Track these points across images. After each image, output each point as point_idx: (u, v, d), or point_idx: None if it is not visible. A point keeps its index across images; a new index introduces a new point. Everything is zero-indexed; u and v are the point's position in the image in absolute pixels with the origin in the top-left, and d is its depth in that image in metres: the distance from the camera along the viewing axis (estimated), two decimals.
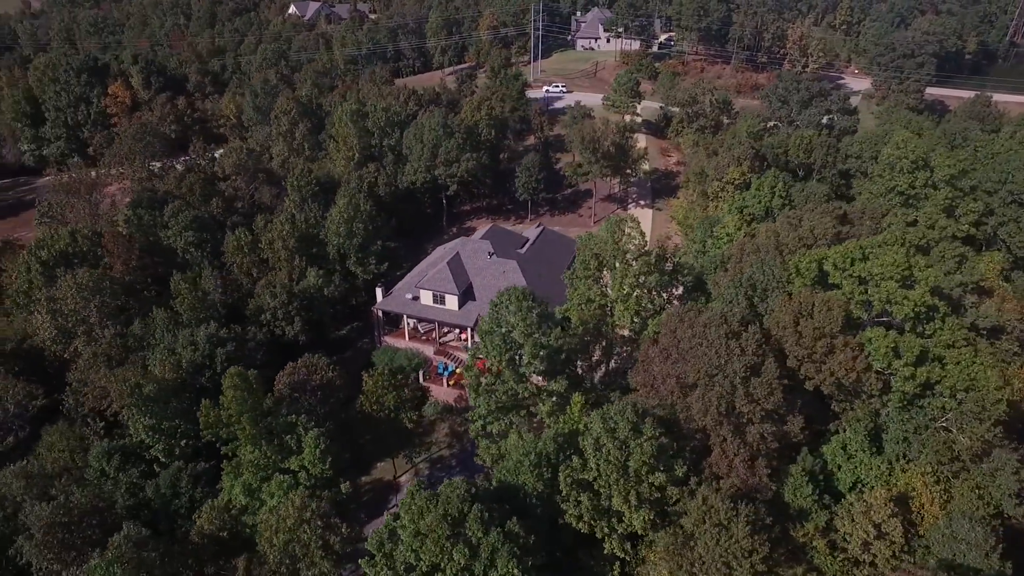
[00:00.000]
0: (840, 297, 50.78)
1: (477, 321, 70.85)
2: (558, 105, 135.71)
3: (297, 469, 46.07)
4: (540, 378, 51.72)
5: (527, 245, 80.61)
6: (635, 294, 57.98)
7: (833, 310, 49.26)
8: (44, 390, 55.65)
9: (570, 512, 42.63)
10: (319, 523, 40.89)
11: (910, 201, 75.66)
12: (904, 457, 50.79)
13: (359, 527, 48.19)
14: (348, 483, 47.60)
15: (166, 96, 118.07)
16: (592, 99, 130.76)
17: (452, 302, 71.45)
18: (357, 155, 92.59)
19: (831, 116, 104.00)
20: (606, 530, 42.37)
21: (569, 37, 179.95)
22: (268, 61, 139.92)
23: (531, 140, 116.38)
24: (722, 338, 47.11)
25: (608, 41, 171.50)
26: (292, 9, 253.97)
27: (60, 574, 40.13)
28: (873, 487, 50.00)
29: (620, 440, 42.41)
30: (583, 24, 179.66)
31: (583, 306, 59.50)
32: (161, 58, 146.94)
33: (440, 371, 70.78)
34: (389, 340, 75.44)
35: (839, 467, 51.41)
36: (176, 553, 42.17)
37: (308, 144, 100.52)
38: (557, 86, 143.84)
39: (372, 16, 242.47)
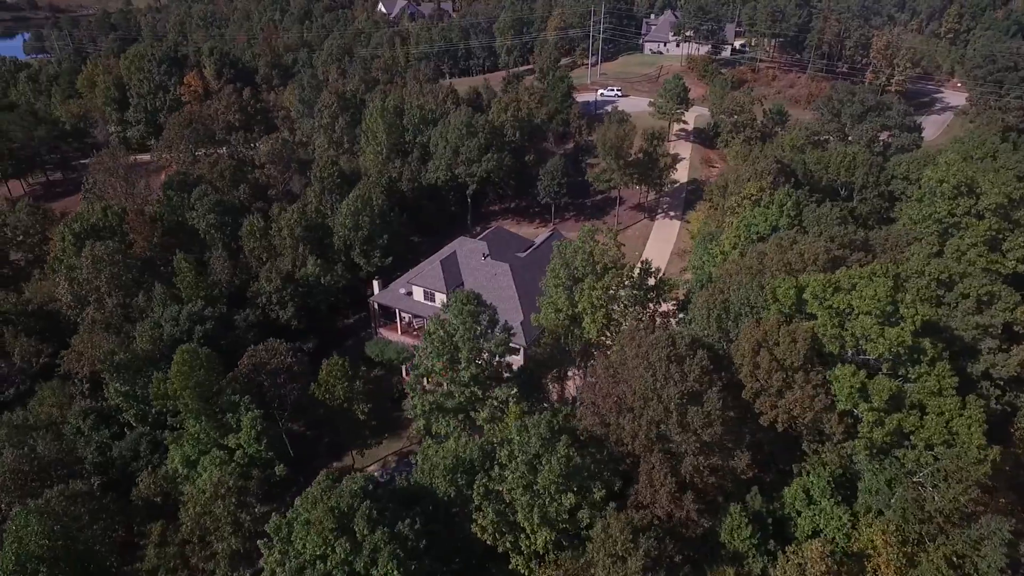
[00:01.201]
0: (809, 329, 46.83)
1: None
2: (608, 109, 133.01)
3: (234, 447, 48.20)
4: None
5: (530, 249, 79.65)
6: (605, 308, 55.98)
7: (797, 342, 45.65)
8: (53, 350, 61.33)
9: (478, 522, 42.02)
10: (233, 500, 42.54)
11: (949, 231, 68.47)
12: (874, 511, 46.40)
13: (285, 509, 49.65)
14: (283, 466, 49.20)
15: (233, 86, 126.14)
16: (645, 104, 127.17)
17: (441, 300, 71.95)
18: (385, 150, 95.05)
19: (892, 132, 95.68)
20: (508, 545, 41.40)
21: (639, 40, 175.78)
22: (333, 56, 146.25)
23: (572, 144, 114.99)
24: (663, 360, 44.73)
25: (677, 46, 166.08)
26: (380, 7, 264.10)
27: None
28: (833, 539, 46.11)
29: (531, 455, 41.28)
30: (653, 27, 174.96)
31: (551, 316, 58.22)
32: (236, 51, 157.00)
33: None
34: (384, 332, 77.07)
35: (798, 513, 47.68)
36: (113, 512, 45.27)
37: (347, 137, 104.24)
38: (612, 90, 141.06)
39: (454, 14, 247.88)
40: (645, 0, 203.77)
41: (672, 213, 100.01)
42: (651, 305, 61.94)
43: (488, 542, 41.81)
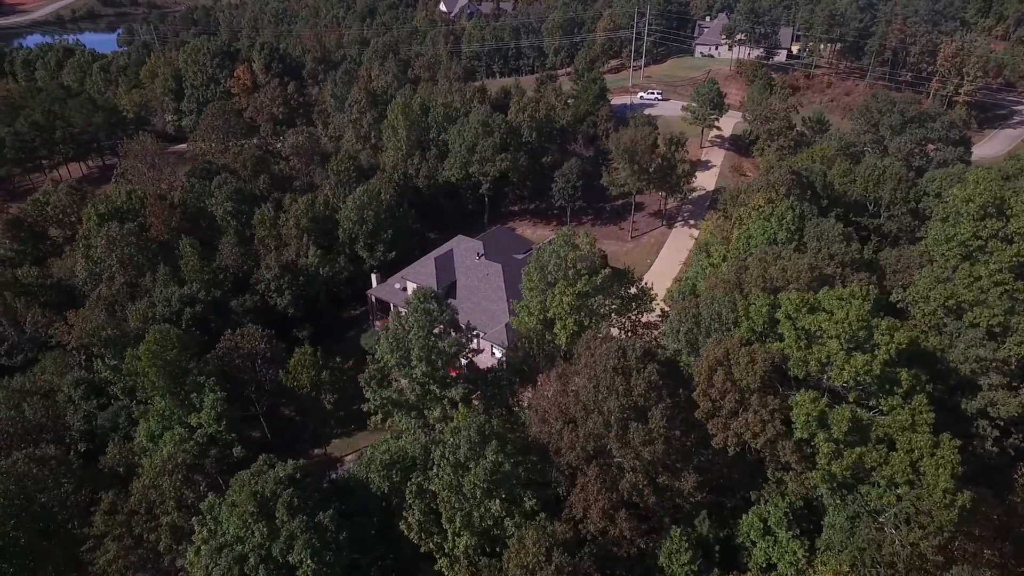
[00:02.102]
0: (771, 351, 44.30)
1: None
2: (647, 112, 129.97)
3: (196, 426, 50.17)
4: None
5: (529, 252, 78.99)
6: (576, 315, 54.82)
7: (756, 363, 43.30)
8: (63, 322, 65.59)
9: (407, 519, 42.03)
10: (179, 476, 44.29)
11: (974, 254, 63.07)
12: (835, 548, 43.63)
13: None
14: (241, 447, 50.80)
15: (279, 80, 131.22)
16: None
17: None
18: (405, 146, 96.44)
19: (936, 145, 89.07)
20: (432, 546, 41.20)
21: (691, 43, 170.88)
22: (377, 53, 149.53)
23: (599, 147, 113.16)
24: (608, 372, 43.40)
25: (729, 49, 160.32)
26: (441, 6, 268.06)
27: None
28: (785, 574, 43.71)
29: (458, 458, 40.93)
30: (706, 30, 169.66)
31: (526, 320, 57.54)
32: (290, 47, 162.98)
33: None
34: (380, 325, 78.33)
35: (753, 543, 45.38)
36: (80, 477, 48.00)
37: (374, 133, 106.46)
38: (652, 92, 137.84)
39: (511, 13, 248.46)
40: (703, 1, 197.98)
41: (692, 222, 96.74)
42: (632, 315, 60.42)
43: (414, 540, 41.76)
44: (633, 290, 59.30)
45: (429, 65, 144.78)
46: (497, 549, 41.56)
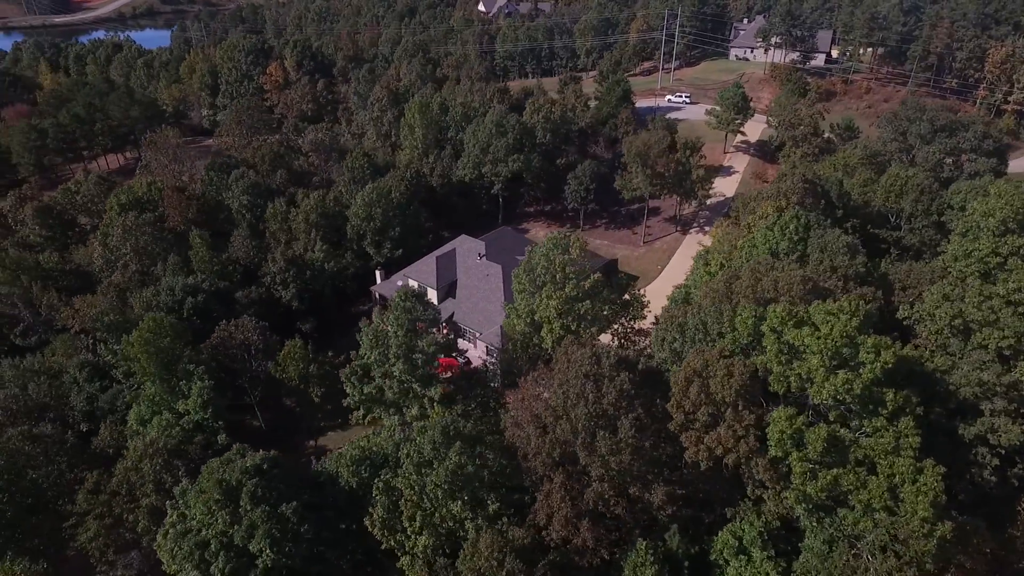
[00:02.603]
0: (751, 364, 42.97)
1: (452, 317, 71.70)
2: (673, 116, 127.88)
3: (183, 412, 51.61)
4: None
5: None
6: (563, 320, 54.24)
7: (733, 376, 42.11)
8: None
9: (372, 515, 42.32)
10: (159, 461, 45.64)
11: (993, 271, 59.89)
12: (810, 572, 42.16)
13: None
14: (225, 435, 52.01)
15: (309, 78, 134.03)
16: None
17: (433, 295, 72.75)
18: (421, 145, 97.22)
19: (969, 156, 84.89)
20: (393, 543, 41.37)
21: (726, 46, 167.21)
22: (408, 52, 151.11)
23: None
24: (578, 379, 42.81)
25: (765, 52, 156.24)
26: (480, 6, 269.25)
27: None
28: None
29: (422, 457, 40.99)
30: (742, 32, 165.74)
31: (515, 322, 57.25)
32: (324, 45, 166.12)
33: None
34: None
35: (727, 561, 44.14)
36: (72, 456, 49.95)
37: (394, 131, 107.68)
38: (680, 96, 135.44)
39: (548, 14, 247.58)
40: (743, 4, 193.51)
41: (708, 228, 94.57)
42: (624, 322, 59.43)
43: (378, 537, 42.01)
44: (626, 296, 58.32)
45: (457, 64, 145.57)
46: (459, 551, 41.47)
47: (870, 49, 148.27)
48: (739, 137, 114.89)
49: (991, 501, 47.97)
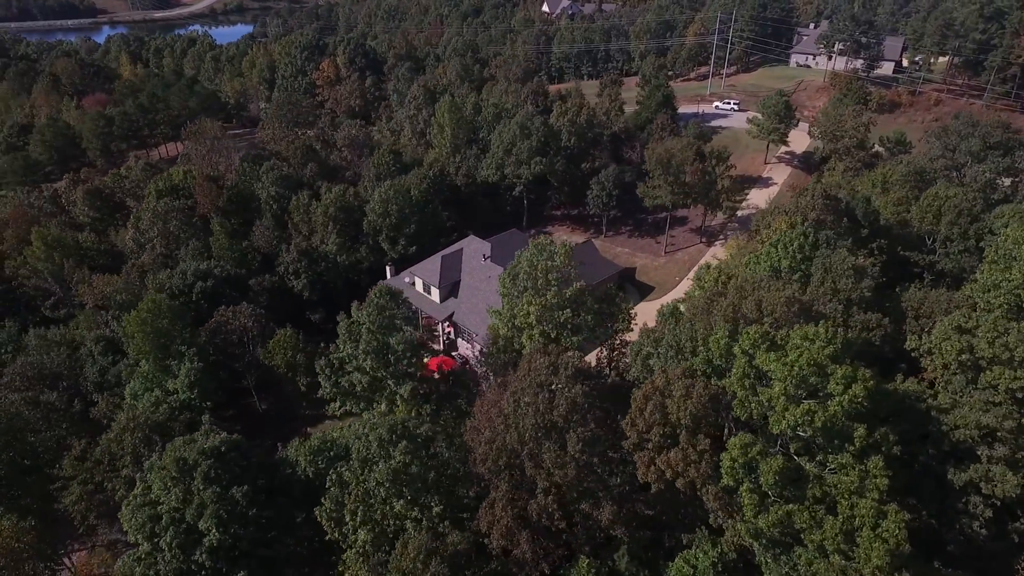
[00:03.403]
0: (712, 387, 41.17)
1: (452, 316, 72.23)
2: (717, 123, 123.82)
3: (172, 391, 54.29)
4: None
5: None
6: (542, 327, 53.59)
7: (691, 398, 40.46)
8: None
9: (321, 506, 43.19)
10: (139, 435, 48.24)
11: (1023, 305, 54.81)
12: None
13: None
14: (209, 415, 54.34)
15: (358, 75, 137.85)
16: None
17: (435, 294, 73.50)
18: (449, 144, 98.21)
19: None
20: (337, 536, 42.07)
21: (787, 52, 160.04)
22: (457, 51, 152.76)
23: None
24: (530, 388, 42.18)
25: (829, 59, 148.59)
26: (544, 6, 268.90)
27: None
28: None
29: (368, 454, 41.49)
30: (805, 38, 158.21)
31: (498, 325, 57.02)
32: (378, 42, 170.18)
33: None
34: None
35: None
36: (72, 424, 53.49)
37: (429, 129, 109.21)
38: (728, 102, 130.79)
39: (610, 15, 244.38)
40: (813, 8, 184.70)
41: (745, 241, 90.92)
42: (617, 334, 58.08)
43: (325, 528, 42.85)
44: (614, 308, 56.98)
45: (504, 64, 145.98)
46: (387, 548, 41.71)
47: (944, 58, 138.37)
48: (784, 147, 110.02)
49: (984, 556, 44.00)
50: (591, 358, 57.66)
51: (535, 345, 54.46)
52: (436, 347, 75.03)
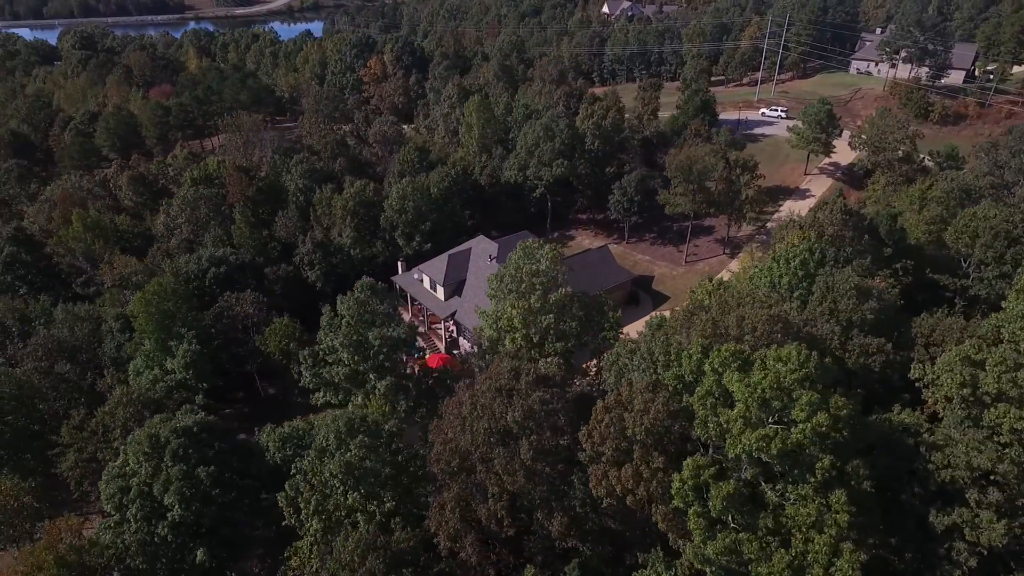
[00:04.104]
0: (671, 403, 39.77)
1: (454, 314, 72.67)
2: (760, 131, 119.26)
3: (171, 370, 56.91)
4: None
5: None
6: (526, 331, 53.06)
7: (649, 413, 39.28)
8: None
9: (284, 492, 44.30)
10: (130, 410, 50.85)
11: None
12: None
13: None
14: (202, 396, 56.66)
15: (403, 73, 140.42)
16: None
17: (440, 291, 74.04)
18: (476, 144, 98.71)
19: None
20: (293, 523, 43.02)
21: (848, 58, 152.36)
22: (503, 51, 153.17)
23: None
24: (490, 392, 41.87)
25: (892, 67, 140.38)
26: (605, 8, 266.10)
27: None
28: None
29: (323, 447, 42.25)
30: (868, 43, 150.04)
31: (485, 326, 56.87)
32: (428, 41, 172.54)
33: (414, 352, 74.57)
34: (401, 311, 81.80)
35: None
36: (86, 394, 56.90)
37: (461, 127, 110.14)
38: (775, 109, 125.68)
39: (672, 16, 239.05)
40: (882, 13, 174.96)
41: (760, 254, 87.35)
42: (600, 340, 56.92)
43: (284, 514, 43.92)
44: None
45: (541, 66, 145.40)
46: None
47: (1020, 68, 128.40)
48: (827, 158, 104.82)
49: None
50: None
51: (516, 347, 54.11)
52: (439, 344, 75.67)
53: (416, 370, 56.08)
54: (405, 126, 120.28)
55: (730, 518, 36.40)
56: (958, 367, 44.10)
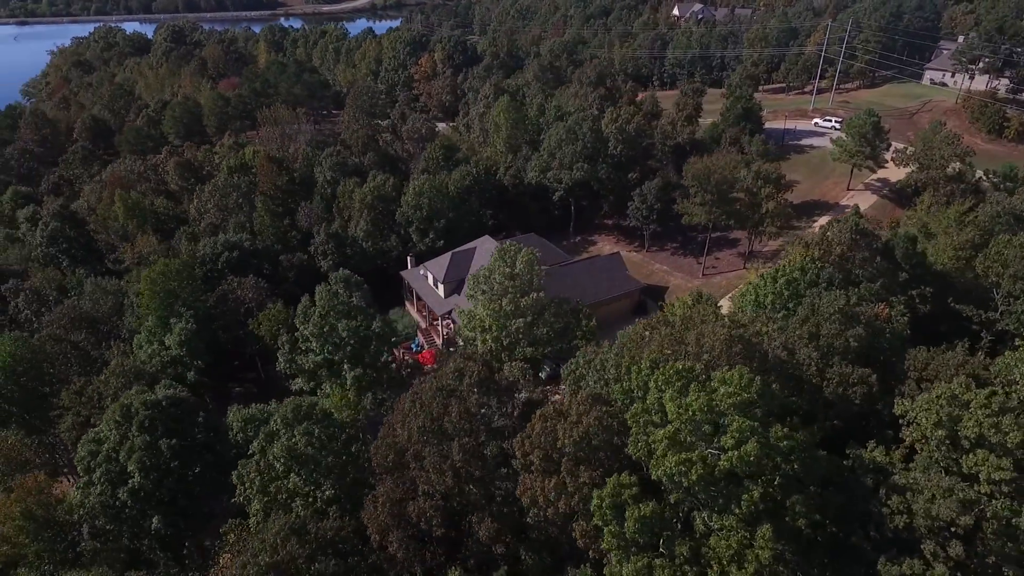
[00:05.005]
0: (605, 417, 38.76)
1: (451, 312, 73.35)
2: (808, 141, 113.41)
3: (167, 346, 60.33)
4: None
5: (563, 264, 76.48)
6: (497, 334, 52.95)
7: (580, 425, 38.58)
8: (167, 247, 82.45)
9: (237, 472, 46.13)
10: (122, 380, 54.36)
11: None
12: None
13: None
14: (194, 373, 59.74)
15: (452, 71, 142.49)
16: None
17: (441, 289, 74.78)
18: (503, 144, 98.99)
19: None
20: (242, 500, 44.70)
21: (921, 67, 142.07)
22: (553, 52, 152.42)
23: None
24: (432, 390, 42.10)
25: (971, 78, 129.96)
26: (675, 10, 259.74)
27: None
28: None
29: (271, 431, 43.69)
30: (945, 53, 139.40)
31: (462, 325, 57.12)
32: (482, 41, 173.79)
33: (413, 347, 75.76)
34: (408, 306, 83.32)
35: None
36: (87, 362, 61.26)
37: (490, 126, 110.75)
38: (829, 120, 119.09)
39: (744, 20, 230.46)
40: (971, 19, 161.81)
41: (763, 270, 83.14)
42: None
43: (238, 490, 45.77)
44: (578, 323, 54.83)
45: (580, 69, 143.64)
46: None
47: None
48: (874, 174, 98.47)
49: None
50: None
51: (486, 349, 54.07)
52: (438, 341, 76.45)
53: (402, 363, 56.98)
54: (443, 124, 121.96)
55: (644, 541, 35.05)
56: (935, 406, 40.75)
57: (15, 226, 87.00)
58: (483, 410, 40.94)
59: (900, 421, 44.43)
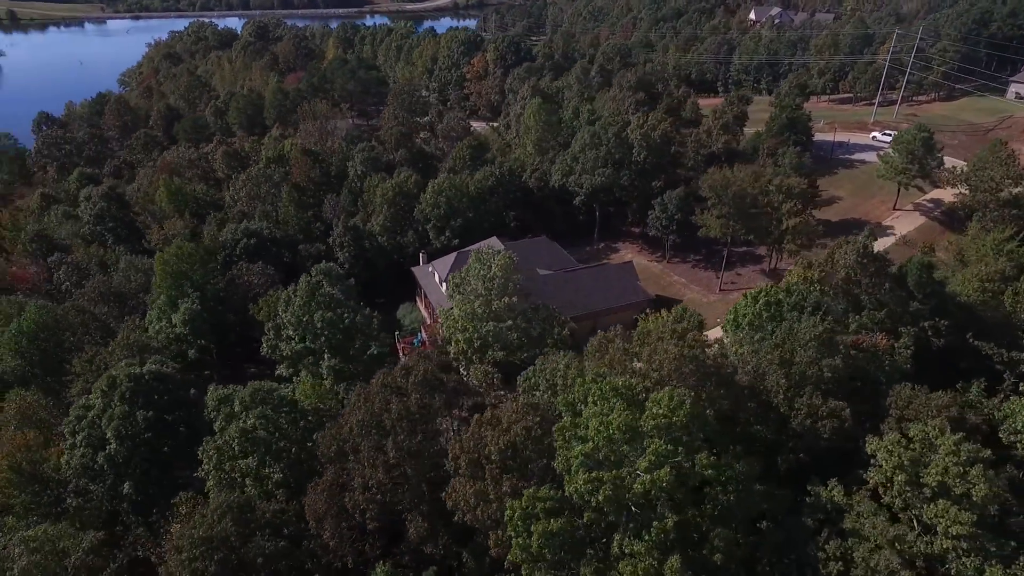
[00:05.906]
0: (536, 422, 38.34)
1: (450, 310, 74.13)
2: (859, 156, 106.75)
3: (173, 324, 64.17)
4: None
5: (568, 271, 75.75)
6: (466, 335, 53.17)
7: (508, 434, 38.47)
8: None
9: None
10: (124, 352, 58.37)
11: None
12: None
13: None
14: (195, 351, 63.25)
15: (500, 72, 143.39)
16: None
17: (444, 287, 75.56)
18: (531, 146, 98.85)
19: None
20: (203, 474, 47.01)
21: (1006, 80, 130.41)
22: (606, 56, 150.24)
23: None
24: (379, 386, 42.86)
25: None
26: (752, 14, 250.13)
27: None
28: None
29: (230, 412, 45.74)
30: None
31: (442, 324, 57.69)
32: (539, 43, 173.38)
33: (415, 342, 77.04)
34: (418, 301, 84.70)
35: None
36: (105, 333, 66.07)
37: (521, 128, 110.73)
38: (889, 134, 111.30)
39: (823, 26, 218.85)
40: None
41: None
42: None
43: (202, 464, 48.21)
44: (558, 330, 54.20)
45: (621, 73, 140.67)
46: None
47: None
48: (925, 193, 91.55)
49: None
50: None
51: (458, 349, 54.36)
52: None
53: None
54: (482, 124, 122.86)
55: (553, 557, 34.37)
56: (898, 448, 37.94)
57: (76, 204, 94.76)
58: (424, 410, 41.22)
59: (872, 461, 41.57)
